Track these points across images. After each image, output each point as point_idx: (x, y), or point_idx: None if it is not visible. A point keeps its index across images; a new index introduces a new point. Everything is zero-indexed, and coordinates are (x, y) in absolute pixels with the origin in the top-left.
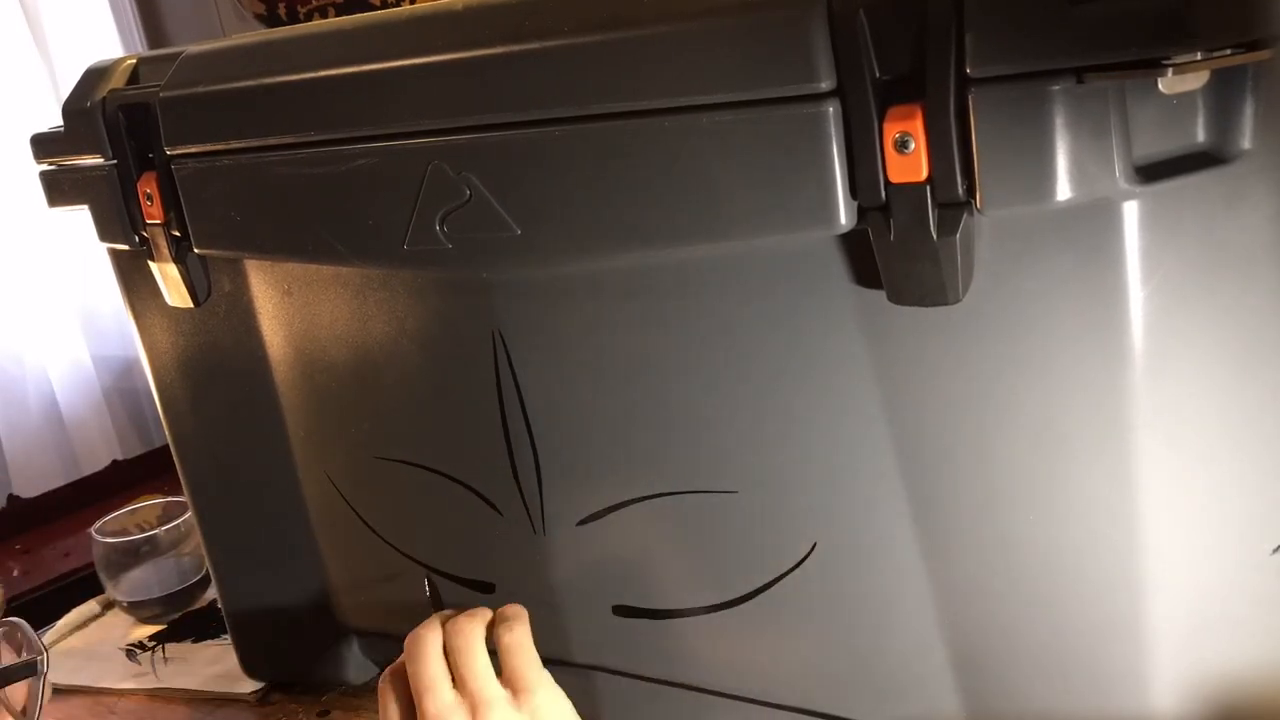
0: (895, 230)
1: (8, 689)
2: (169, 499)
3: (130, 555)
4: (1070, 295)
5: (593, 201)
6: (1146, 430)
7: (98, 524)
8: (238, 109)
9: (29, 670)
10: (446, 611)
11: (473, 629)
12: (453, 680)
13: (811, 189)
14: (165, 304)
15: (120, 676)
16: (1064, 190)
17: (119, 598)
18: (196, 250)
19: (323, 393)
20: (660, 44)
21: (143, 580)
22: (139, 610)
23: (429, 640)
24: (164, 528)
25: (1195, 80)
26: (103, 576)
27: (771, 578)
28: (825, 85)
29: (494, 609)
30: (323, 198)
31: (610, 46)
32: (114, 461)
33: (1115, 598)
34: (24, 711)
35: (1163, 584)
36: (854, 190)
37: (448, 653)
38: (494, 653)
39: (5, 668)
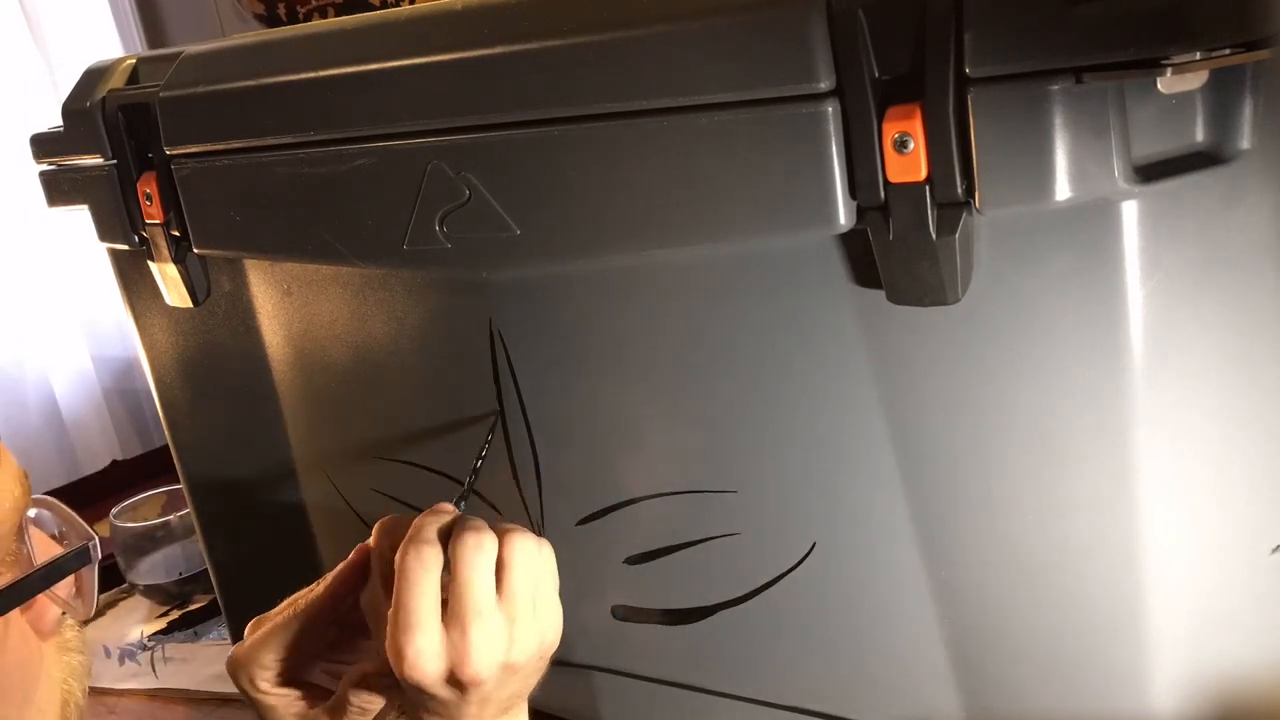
0: (894, 230)
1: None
2: (171, 488)
3: (147, 540)
4: (1070, 295)
5: (592, 201)
6: (1146, 429)
7: (114, 510)
8: (238, 109)
9: (82, 560)
10: (438, 517)
11: (487, 544)
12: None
13: (811, 189)
14: (165, 304)
15: (120, 676)
16: (1063, 190)
17: (136, 581)
18: (196, 250)
19: (322, 393)
20: (660, 44)
21: (160, 564)
22: (155, 594)
23: (430, 563)
24: (176, 514)
25: (1194, 80)
26: (121, 562)
27: (771, 578)
28: (824, 85)
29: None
30: (323, 198)
31: (610, 46)
32: (114, 461)
33: (1115, 597)
34: (70, 601)
35: (1163, 584)
36: (853, 190)
37: (451, 562)
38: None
39: (56, 560)
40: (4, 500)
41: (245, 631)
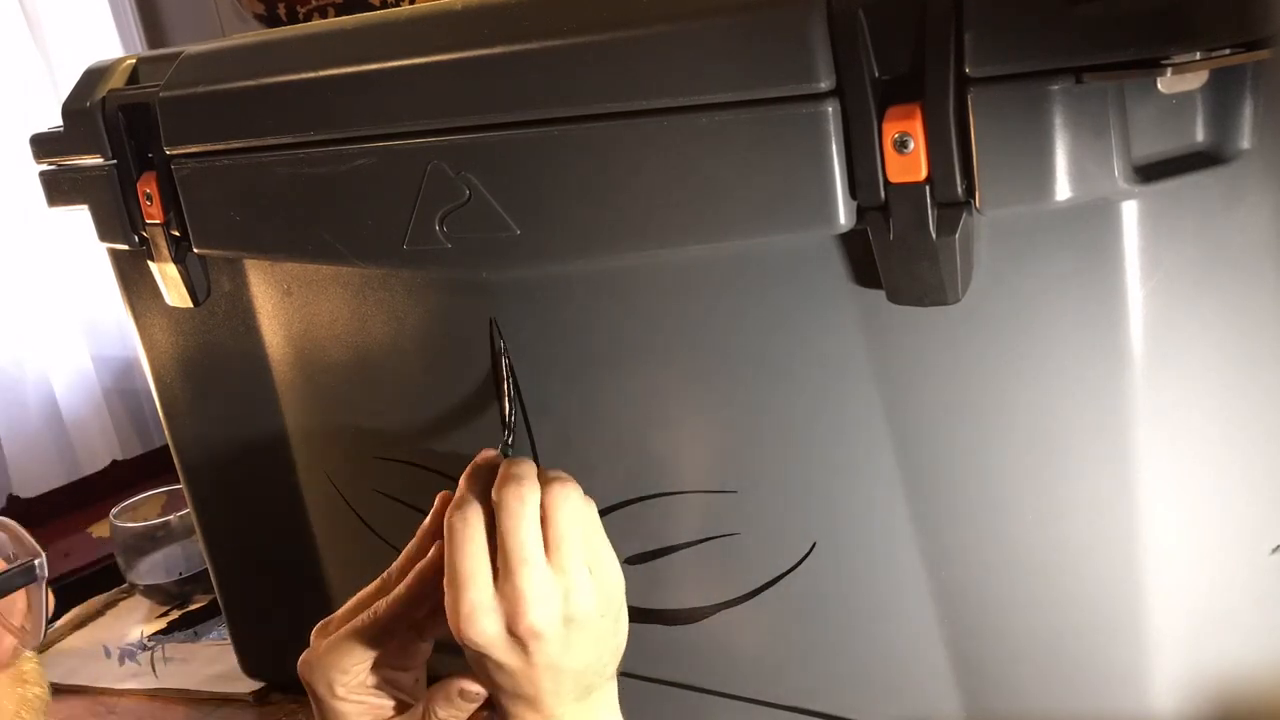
0: (894, 230)
1: (3, 601)
2: (171, 488)
3: (147, 540)
4: (1070, 295)
5: (592, 201)
6: (1146, 429)
7: (114, 510)
8: (238, 109)
9: (27, 577)
10: (482, 471)
11: (528, 495)
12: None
13: (811, 189)
14: (165, 304)
15: (120, 676)
16: (1063, 190)
17: (136, 581)
18: (196, 250)
19: (322, 392)
20: (660, 44)
21: (160, 564)
22: (155, 594)
23: (473, 521)
24: (177, 514)
25: (1194, 80)
26: (121, 562)
27: (771, 578)
28: (825, 85)
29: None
30: (323, 198)
31: (610, 46)
32: (114, 461)
33: (1115, 597)
34: (24, 627)
35: (1163, 584)
36: (853, 190)
37: (495, 516)
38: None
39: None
40: None
41: (311, 636)
